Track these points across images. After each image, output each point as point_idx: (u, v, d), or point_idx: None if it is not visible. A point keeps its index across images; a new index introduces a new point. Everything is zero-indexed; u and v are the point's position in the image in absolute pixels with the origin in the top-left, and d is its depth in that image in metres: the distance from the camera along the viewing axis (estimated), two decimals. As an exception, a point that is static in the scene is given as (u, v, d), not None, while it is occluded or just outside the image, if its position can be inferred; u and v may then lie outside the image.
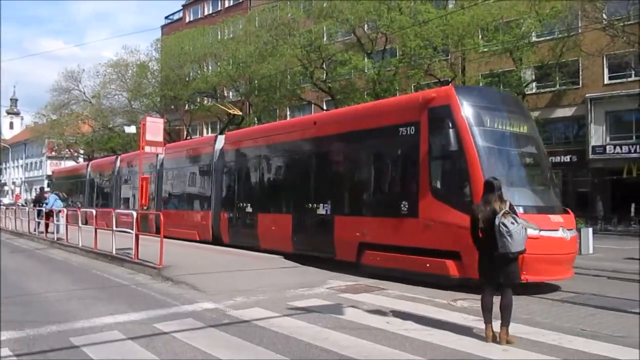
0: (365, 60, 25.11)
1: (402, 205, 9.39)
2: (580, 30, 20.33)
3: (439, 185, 9.01)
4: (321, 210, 11.32)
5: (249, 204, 13.84)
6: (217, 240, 14.96)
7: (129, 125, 31.79)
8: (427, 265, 8.79)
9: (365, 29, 25.43)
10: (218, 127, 37.77)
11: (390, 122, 9.82)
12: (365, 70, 24.73)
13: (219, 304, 7.29)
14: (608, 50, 16.64)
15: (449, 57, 23.92)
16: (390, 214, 9.74)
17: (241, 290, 8.20)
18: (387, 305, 7.20)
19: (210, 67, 35.54)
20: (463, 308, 7.07)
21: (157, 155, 17.31)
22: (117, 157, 24.48)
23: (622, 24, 18.32)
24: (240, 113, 24.67)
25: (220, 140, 15.85)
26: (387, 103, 11.58)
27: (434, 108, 9.07)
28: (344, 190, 11.09)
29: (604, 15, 19.45)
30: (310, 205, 11.61)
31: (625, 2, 18.62)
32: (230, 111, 21.28)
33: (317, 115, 13.45)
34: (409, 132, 9.43)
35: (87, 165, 26.66)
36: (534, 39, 21.56)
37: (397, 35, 23.12)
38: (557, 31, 21.06)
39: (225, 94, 36.81)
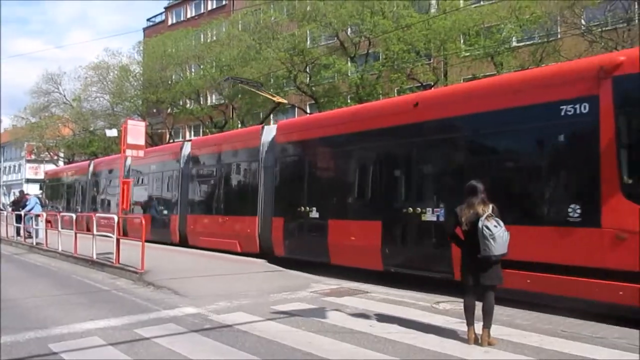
0: (349, 64, 25.19)
1: (569, 210, 7.10)
2: (559, 36, 20.63)
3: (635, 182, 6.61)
4: (429, 216, 8.88)
5: (314, 208, 11.30)
6: (265, 252, 12.46)
7: (110, 129, 31.40)
8: (620, 293, 6.46)
9: (349, 33, 25.51)
10: (201, 130, 37.53)
11: (542, 100, 7.50)
12: (349, 74, 24.81)
13: (201, 309, 7.23)
14: (586, 55, 16.86)
15: (432, 61, 24.10)
16: (546, 221, 7.46)
17: (224, 295, 8.14)
18: (370, 309, 7.20)
19: (193, 70, 35.32)
20: (446, 311, 7.11)
21: (181, 149, 16.74)
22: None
23: (600, 29, 18.65)
24: (286, 102, 23.77)
25: (270, 131, 13.26)
26: (533, 75, 8.70)
27: (621, 77, 6.76)
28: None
29: (582, 21, 19.79)
30: (411, 209, 9.19)
31: (603, 9, 18.97)
32: (275, 99, 19.98)
33: (418, 94, 10.97)
34: (578, 111, 7.08)
35: (89, 164, 24.29)
36: (514, 44, 21.83)
37: (380, 40, 23.23)
38: (536, 36, 21.36)
39: (208, 97, 36.65)
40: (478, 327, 5.48)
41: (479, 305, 5.50)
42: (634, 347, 5.32)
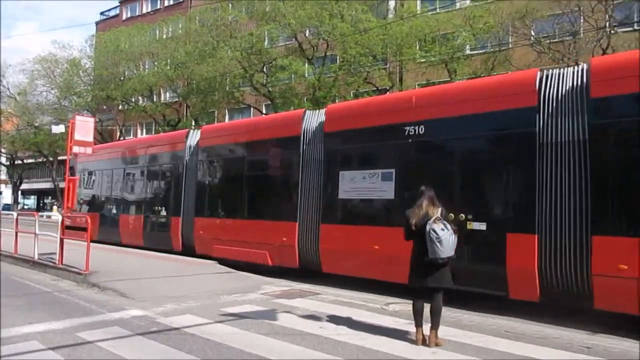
0: (306, 65, 25.20)
1: None
2: (510, 46, 21.34)
3: None
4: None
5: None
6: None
7: (58, 124, 30.20)
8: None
9: (307, 35, 25.53)
10: (153, 128, 36.65)
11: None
12: (306, 76, 24.82)
13: (148, 311, 7.03)
14: (535, 65, 17.51)
15: (388, 66, 24.44)
16: None
17: (172, 297, 7.95)
18: (321, 310, 7.20)
19: (147, 67, 34.48)
20: (395, 312, 7.19)
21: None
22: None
23: (548, 41, 19.40)
24: None
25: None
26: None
27: None
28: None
29: (532, 32, 20.53)
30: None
31: (552, 22, 19.75)
32: None
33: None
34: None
35: (188, 134, 14.49)
36: (468, 51, 22.43)
37: (338, 42, 23.36)
38: (489, 45, 22.01)
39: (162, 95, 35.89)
40: (426, 328, 5.56)
41: (430, 307, 5.58)
42: (576, 347, 5.53)
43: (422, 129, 8.46)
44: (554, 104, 7.23)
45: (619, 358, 5.22)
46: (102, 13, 51.54)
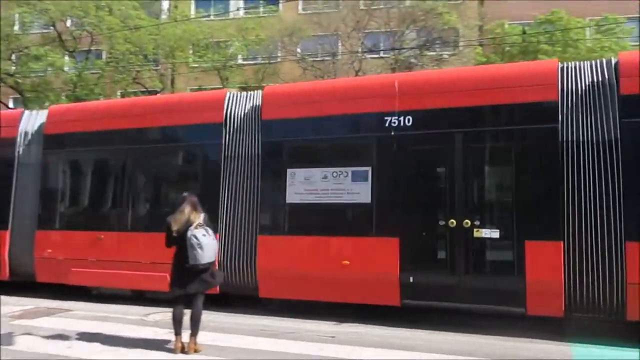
0: (66, 58, 22.79)
1: None
2: (279, 60, 22.70)
3: None
4: None
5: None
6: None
7: None
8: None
9: (69, 25, 23.11)
10: None
11: None
12: (66, 69, 22.42)
13: None
14: (300, 79, 19.00)
15: (159, 67, 23.67)
16: None
17: None
18: (71, 328, 6.53)
19: None
20: (156, 322, 6.93)
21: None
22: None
23: (312, 59, 21.25)
24: None
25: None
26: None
27: None
28: None
29: (298, 49, 22.22)
30: None
31: (316, 42, 21.71)
32: None
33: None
34: None
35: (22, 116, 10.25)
36: (240, 61, 23.12)
37: (105, 37, 21.72)
38: (260, 57, 23.07)
39: None
40: (187, 335, 5.48)
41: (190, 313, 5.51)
42: (322, 337, 6.08)
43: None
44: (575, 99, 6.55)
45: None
46: None
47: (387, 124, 7.15)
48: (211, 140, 8.21)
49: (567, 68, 6.68)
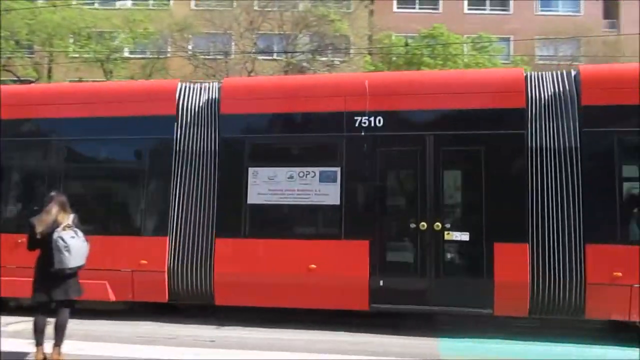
0: None
1: None
2: (169, 55, 21.92)
3: None
4: None
5: None
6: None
7: None
8: None
9: None
10: None
11: None
12: None
13: None
14: (191, 77, 18.48)
15: (34, 55, 21.81)
16: None
17: None
18: None
19: None
20: (17, 332, 6.35)
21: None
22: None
23: (203, 57, 20.77)
24: None
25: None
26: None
27: None
28: None
29: (189, 46, 21.62)
30: None
31: (208, 39, 21.27)
32: None
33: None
34: None
35: None
36: (126, 54, 22.00)
37: (-31, 18, 19.64)
38: (148, 51, 22.12)
39: None
40: (51, 345, 5.09)
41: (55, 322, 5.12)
42: (201, 342, 5.96)
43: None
44: None
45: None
46: None
47: (357, 124, 7.00)
48: (161, 134, 7.50)
49: (532, 77, 6.88)
